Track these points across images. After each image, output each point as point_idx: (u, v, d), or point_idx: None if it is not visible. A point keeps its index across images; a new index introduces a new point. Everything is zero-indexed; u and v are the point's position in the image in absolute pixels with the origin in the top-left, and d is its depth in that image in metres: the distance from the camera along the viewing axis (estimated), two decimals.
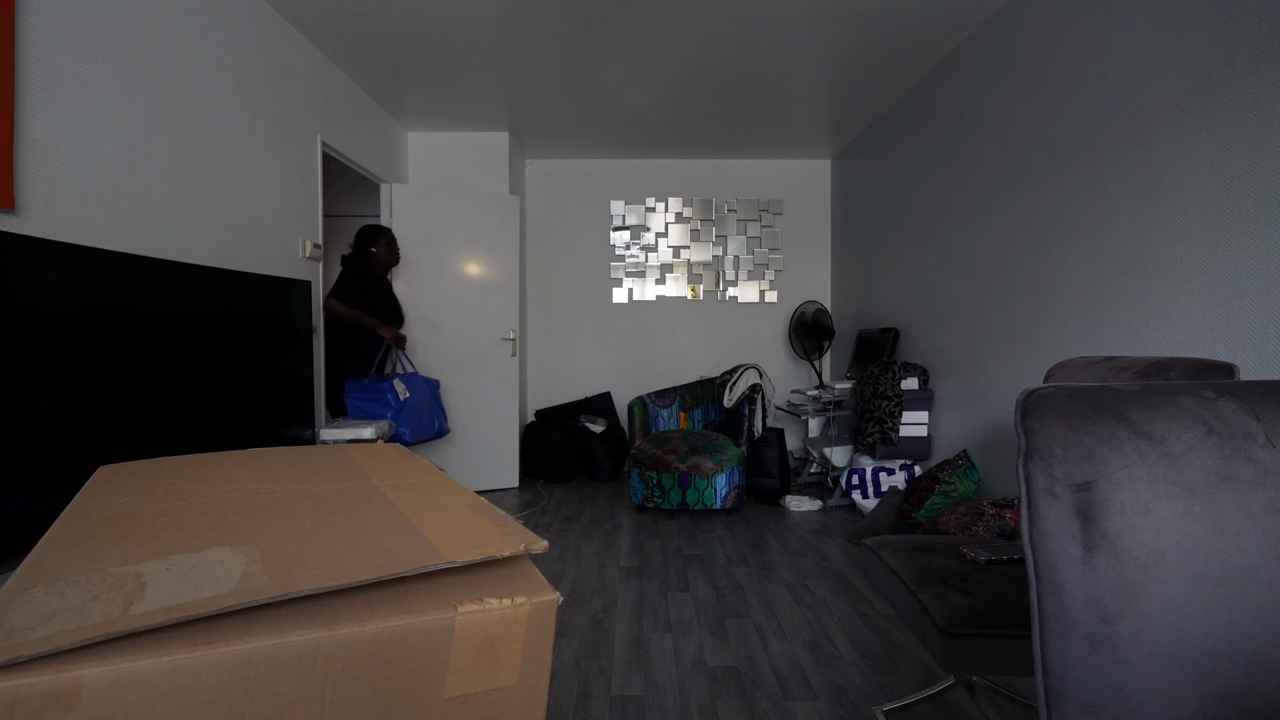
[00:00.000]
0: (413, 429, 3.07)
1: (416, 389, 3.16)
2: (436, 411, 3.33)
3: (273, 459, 0.95)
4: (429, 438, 3.28)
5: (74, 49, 1.78)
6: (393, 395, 2.98)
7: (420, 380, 3.28)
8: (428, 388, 3.33)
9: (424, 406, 3.20)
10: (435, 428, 3.31)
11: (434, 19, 2.84)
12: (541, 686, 0.57)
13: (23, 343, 1.49)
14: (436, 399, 3.38)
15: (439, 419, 3.35)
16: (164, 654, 0.44)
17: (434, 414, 3.31)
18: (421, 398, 3.19)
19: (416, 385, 3.19)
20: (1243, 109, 1.69)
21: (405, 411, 3.02)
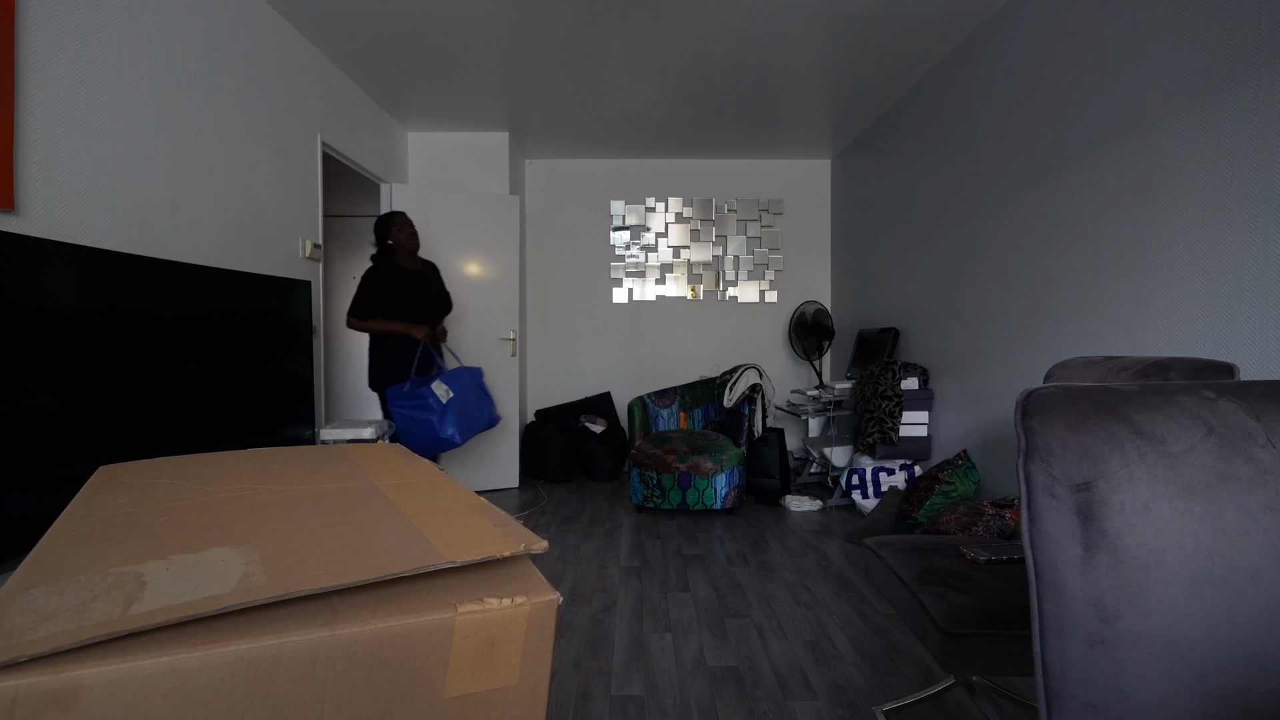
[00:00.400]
0: (461, 428, 2.88)
1: (460, 384, 2.95)
2: (483, 402, 3.13)
3: (273, 459, 0.95)
4: (480, 430, 3.09)
5: (74, 49, 1.78)
6: (435, 399, 2.81)
7: (463, 373, 3.07)
8: (471, 378, 3.11)
9: (470, 401, 3.00)
10: (485, 419, 3.12)
11: (434, 19, 2.84)
12: (541, 686, 0.57)
13: (23, 343, 1.49)
14: (481, 388, 3.17)
15: (487, 408, 3.15)
16: (164, 654, 0.44)
17: (482, 405, 3.11)
18: (466, 392, 2.98)
19: (460, 380, 2.98)
20: (1242, 109, 1.69)
21: (450, 412, 2.84)
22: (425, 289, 3.17)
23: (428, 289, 3.18)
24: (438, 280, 3.28)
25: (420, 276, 3.17)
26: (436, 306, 3.21)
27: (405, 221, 3.09)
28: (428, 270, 3.23)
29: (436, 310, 3.21)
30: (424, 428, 2.83)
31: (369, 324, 2.98)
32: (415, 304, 3.09)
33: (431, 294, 3.19)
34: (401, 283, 3.09)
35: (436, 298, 3.22)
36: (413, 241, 3.11)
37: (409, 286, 3.11)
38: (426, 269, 3.22)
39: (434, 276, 3.26)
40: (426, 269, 3.22)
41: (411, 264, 3.14)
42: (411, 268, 3.14)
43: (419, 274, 3.17)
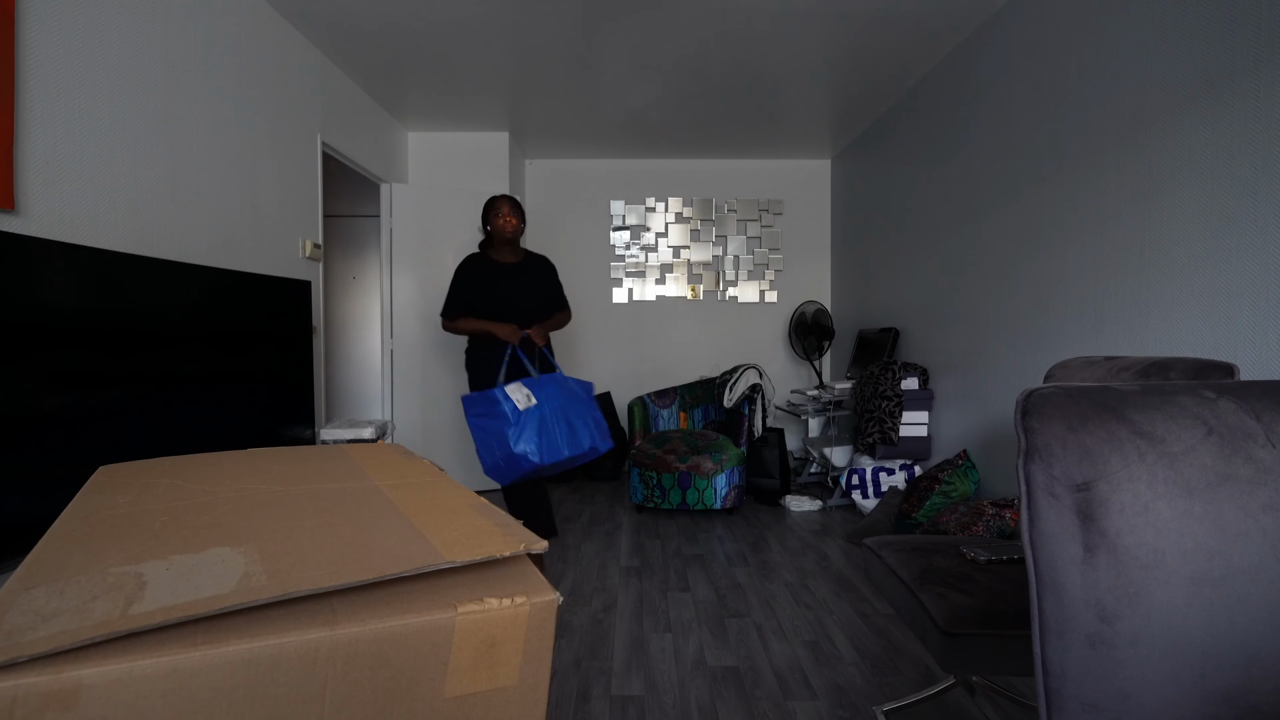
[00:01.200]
0: (544, 447, 2.41)
1: (550, 394, 2.49)
2: (584, 423, 2.55)
3: (273, 459, 0.95)
4: (576, 456, 2.52)
5: (74, 49, 1.78)
6: (508, 404, 2.37)
7: (559, 383, 2.59)
8: (569, 392, 2.59)
9: (562, 418, 2.48)
10: (583, 443, 2.52)
11: (434, 19, 2.84)
12: (541, 686, 0.57)
13: (23, 343, 1.49)
14: (584, 408, 2.59)
15: (589, 433, 2.56)
16: (164, 654, 0.44)
17: (580, 426, 2.53)
18: (559, 407, 2.50)
19: (550, 390, 2.52)
20: (1242, 109, 1.69)
21: (529, 423, 2.39)
22: (525, 286, 2.76)
23: (529, 286, 2.77)
24: (546, 278, 2.87)
25: (520, 271, 2.78)
26: (537, 308, 2.78)
27: (504, 207, 2.74)
28: (533, 265, 2.84)
29: (537, 311, 2.78)
30: (498, 440, 2.37)
31: (457, 324, 2.70)
32: (509, 302, 2.70)
33: (532, 292, 2.77)
34: (494, 277, 2.72)
35: (539, 298, 2.80)
36: (507, 227, 2.74)
37: (503, 282, 2.73)
38: (531, 263, 2.83)
39: (541, 273, 2.85)
40: (531, 263, 2.83)
41: (509, 256, 2.79)
42: (509, 260, 2.78)
43: (518, 268, 2.78)
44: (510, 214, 2.75)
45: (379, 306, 4.44)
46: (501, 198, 2.78)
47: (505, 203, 2.77)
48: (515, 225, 2.76)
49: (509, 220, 2.77)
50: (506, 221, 2.76)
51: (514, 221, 2.75)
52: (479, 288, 2.71)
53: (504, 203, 2.77)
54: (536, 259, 2.88)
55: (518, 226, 2.76)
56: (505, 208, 2.77)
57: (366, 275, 4.95)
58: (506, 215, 2.76)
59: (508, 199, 2.75)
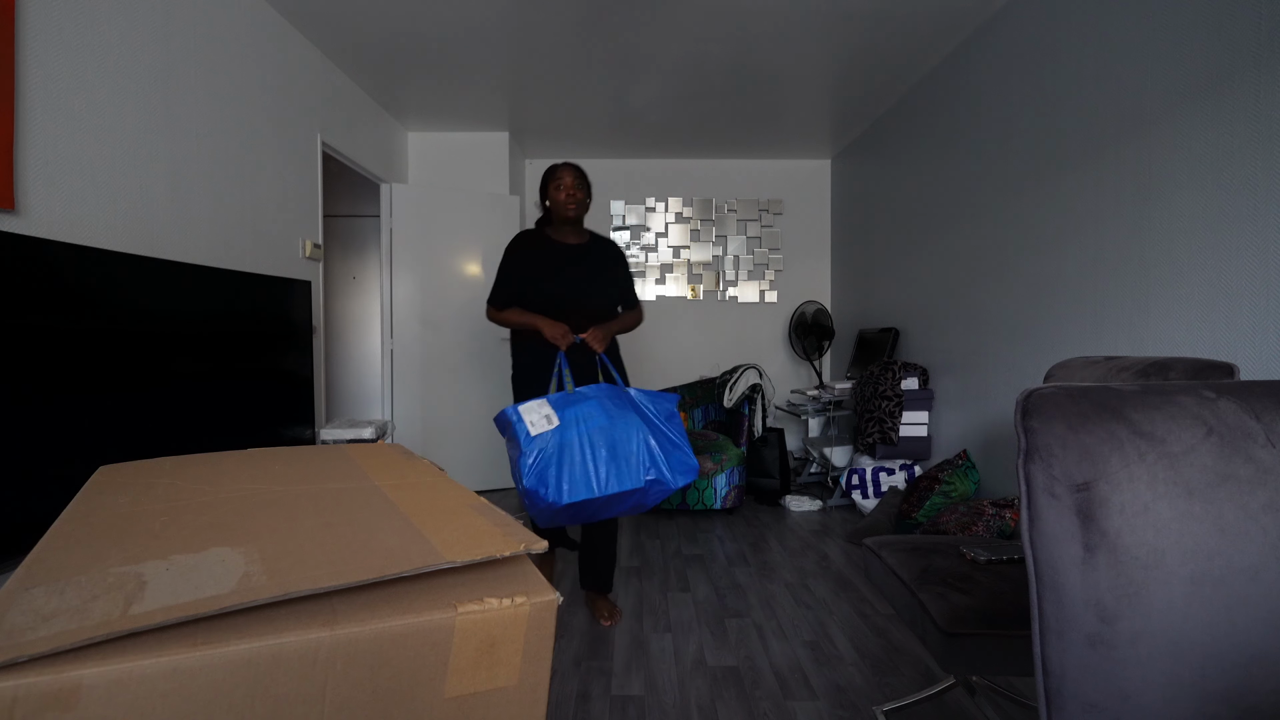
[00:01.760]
0: (560, 480, 1.78)
1: (585, 414, 1.85)
2: (639, 450, 1.85)
3: (273, 459, 0.95)
4: (612, 494, 1.80)
5: (74, 49, 1.78)
6: (522, 426, 1.82)
7: (606, 400, 1.91)
8: (615, 413, 1.89)
9: (598, 442, 1.82)
10: (632, 478, 1.83)
11: (434, 19, 2.84)
12: (541, 686, 0.57)
13: (23, 343, 1.49)
14: (642, 430, 1.88)
15: (647, 462, 1.85)
16: (164, 654, 0.44)
17: (634, 454, 1.84)
18: (596, 427, 1.84)
19: (588, 410, 1.86)
20: (1242, 109, 1.69)
21: (550, 454, 1.79)
22: (588, 274, 2.20)
23: (592, 275, 2.20)
24: (613, 267, 2.28)
25: (583, 256, 2.23)
26: (602, 303, 2.21)
27: (566, 177, 2.18)
28: (599, 250, 2.27)
29: (601, 307, 2.21)
30: (514, 472, 1.84)
31: (503, 315, 2.21)
32: (568, 293, 2.15)
33: (597, 282, 2.21)
34: (551, 261, 2.18)
35: (605, 290, 2.23)
36: (570, 208, 2.17)
37: (563, 268, 2.17)
38: (597, 248, 2.27)
39: (608, 260, 2.27)
40: (597, 248, 2.27)
41: (571, 237, 2.24)
42: (570, 241, 2.24)
43: (581, 252, 2.23)
44: (574, 187, 2.17)
45: (379, 306, 4.44)
46: (563, 166, 2.19)
47: (568, 172, 2.18)
48: (580, 201, 2.19)
49: (572, 195, 2.17)
50: (570, 196, 2.17)
51: (579, 196, 2.18)
52: (531, 273, 2.16)
53: (566, 172, 2.18)
54: (603, 243, 2.30)
55: (582, 202, 2.20)
56: (568, 178, 2.17)
57: (366, 275, 4.95)
58: (570, 189, 2.17)
59: (571, 168, 2.19)
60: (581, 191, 2.20)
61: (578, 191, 2.19)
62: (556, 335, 2.06)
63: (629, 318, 2.32)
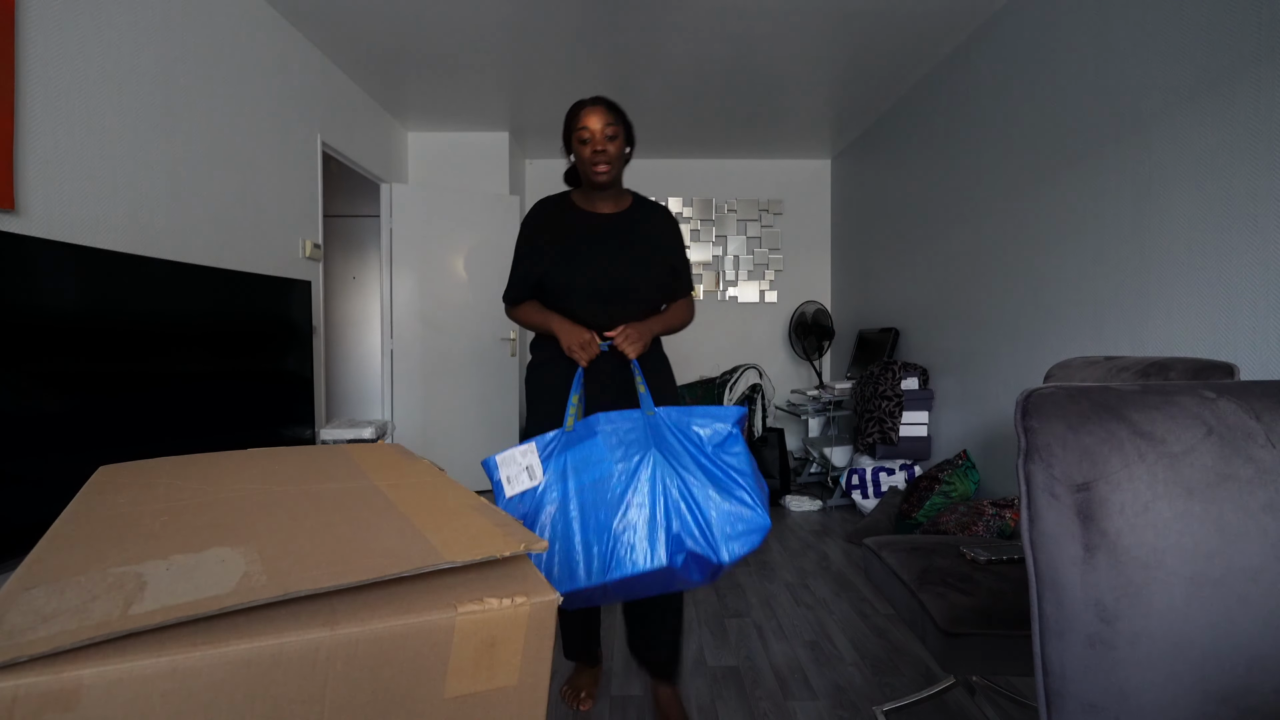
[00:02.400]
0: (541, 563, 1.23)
1: (581, 462, 1.31)
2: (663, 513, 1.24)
3: (273, 459, 0.95)
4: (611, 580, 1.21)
5: (74, 49, 1.78)
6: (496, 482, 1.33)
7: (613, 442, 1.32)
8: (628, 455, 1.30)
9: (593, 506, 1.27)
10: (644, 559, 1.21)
11: (434, 19, 2.84)
12: (541, 686, 0.57)
13: (23, 343, 1.49)
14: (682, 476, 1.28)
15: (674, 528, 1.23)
16: (164, 654, 0.44)
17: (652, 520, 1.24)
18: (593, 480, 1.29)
19: (586, 455, 1.31)
20: (1242, 109, 1.69)
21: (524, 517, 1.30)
22: (626, 252, 1.59)
23: (631, 253, 1.60)
24: (663, 240, 1.66)
25: (620, 228, 1.62)
26: (646, 289, 1.60)
27: (590, 121, 1.52)
28: (644, 218, 1.65)
29: (646, 295, 1.60)
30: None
31: (519, 312, 1.68)
32: (596, 280, 1.56)
33: (640, 261, 1.60)
34: (579, 235, 1.60)
35: (651, 272, 1.61)
36: (600, 166, 1.53)
37: (592, 244, 1.59)
38: (642, 215, 1.66)
39: (655, 231, 1.65)
40: (642, 215, 1.66)
41: (606, 203, 1.63)
42: (604, 210, 1.63)
43: (618, 223, 1.62)
44: (605, 137, 1.51)
45: (379, 306, 4.44)
46: (590, 105, 1.54)
47: (595, 114, 1.52)
48: (614, 157, 1.53)
49: (601, 150, 1.51)
50: (599, 153, 1.52)
51: (612, 150, 1.52)
52: (552, 255, 1.59)
53: (592, 114, 1.52)
54: (650, 210, 1.68)
55: (617, 158, 1.54)
56: (594, 122, 1.51)
57: (366, 275, 4.95)
58: (599, 140, 1.51)
59: (601, 106, 1.53)
60: (616, 142, 1.53)
61: (610, 143, 1.51)
62: (575, 346, 1.49)
63: (677, 312, 1.69)
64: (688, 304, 1.75)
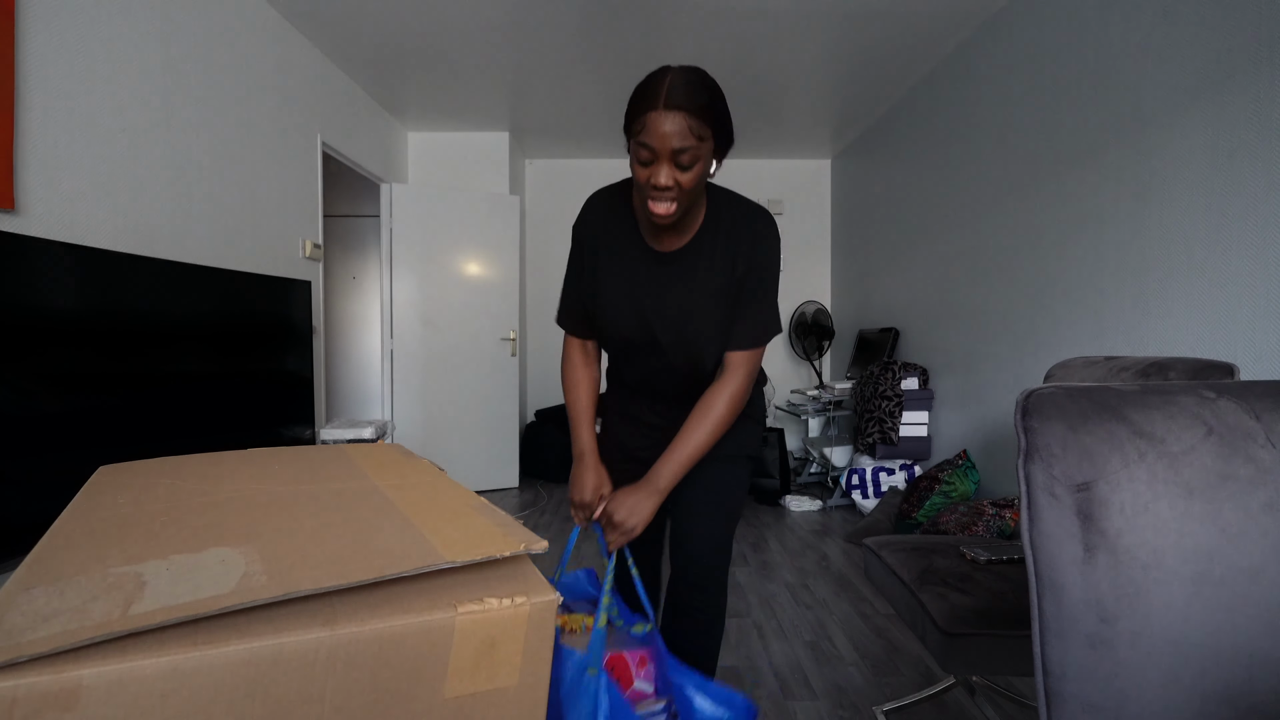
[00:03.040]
0: None
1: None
2: None
3: (273, 459, 0.95)
4: None
5: (74, 48, 1.78)
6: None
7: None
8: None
9: None
10: None
11: (434, 19, 2.84)
12: (541, 686, 0.57)
13: (23, 343, 1.49)
14: None
15: None
16: (164, 654, 0.44)
17: None
18: None
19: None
20: (1242, 109, 1.69)
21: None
22: (685, 300, 1.16)
23: (692, 300, 1.16)
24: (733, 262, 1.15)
25: (682, 268, 1.16)
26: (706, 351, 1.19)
27: (656, 129, 0.97)
28: (709, 244, 1.15)
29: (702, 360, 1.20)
30: None
31: (567, 375, 1.32)
32: (641, 336, 1.20)
33: (696, 314, 1.16)
34: (623, 273, 1.19)
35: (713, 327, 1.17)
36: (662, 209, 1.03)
37: (639, 286, 1.19)
38: (708, 241, 1.15)
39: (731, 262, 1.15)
40: (708, 241, 1.15)
41: (667, 239, 1.16)
42: (661, 246, 1.17)
43: (679, 261, 1.17)
44: (672, 161, 0.99)
45: (379, 306, 4.44)
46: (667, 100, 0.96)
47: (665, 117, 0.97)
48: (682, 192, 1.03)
49: (667, 183, 1.00)
50: (658, 190, 1.02)
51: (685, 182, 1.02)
52: (600, 281, 1.21)
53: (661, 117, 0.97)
54: (730, 225, 1.15)
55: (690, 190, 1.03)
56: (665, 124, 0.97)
57: (366, 275, 4.95)
58: (663, 168, 1.00)
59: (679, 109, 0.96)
60: (695, 168, 1.01)
61: (683, 173, 1.01)
62: (572, 503, 1.25)
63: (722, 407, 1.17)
64: (740, 380, 1.18)
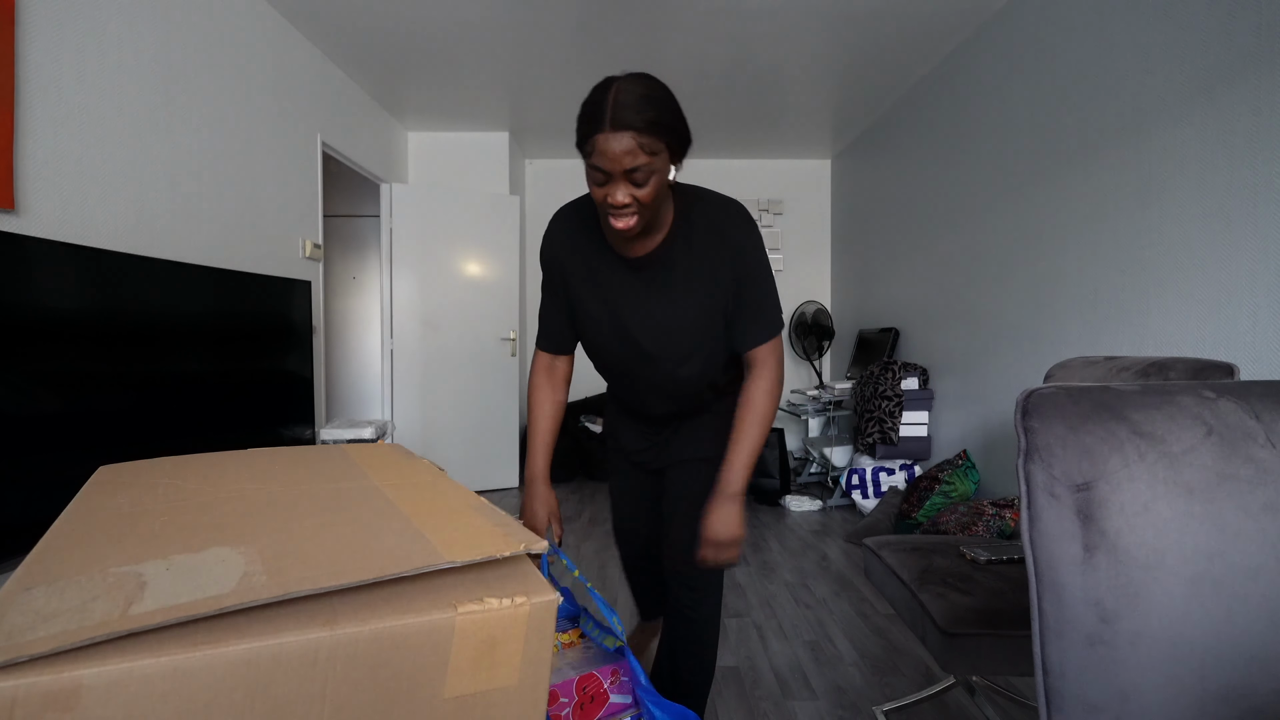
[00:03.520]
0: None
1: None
2: None
3: (273, 459, 0.95)
4: None
5: (74, 49, 1.78)
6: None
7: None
8: None
9: None
10: None
11: (434, 19, 2.84)
12: (541, 686, 0.57)
13: (23, 343, 1.49)
14: None
15: None
16: (164, 654, 0.44)
17: None
18: None
19: None
20: (1242, 108, 1.69)
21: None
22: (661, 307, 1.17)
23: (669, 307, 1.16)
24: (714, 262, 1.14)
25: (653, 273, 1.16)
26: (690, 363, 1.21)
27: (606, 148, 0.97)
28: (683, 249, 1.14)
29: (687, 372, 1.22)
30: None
31: (533, 393, 1.33)
32: (619, 351, 1.22)
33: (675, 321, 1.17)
34: (594, 283, 1.20)
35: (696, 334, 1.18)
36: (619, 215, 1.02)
37: (611, 297, 1.19)
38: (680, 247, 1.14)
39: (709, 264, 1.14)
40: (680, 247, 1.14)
41: (633, 244, 1.14)
42: (630, 254, 1.16)
43: (649, 266, 1.16)
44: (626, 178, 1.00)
45: (379, 306, 4.44)
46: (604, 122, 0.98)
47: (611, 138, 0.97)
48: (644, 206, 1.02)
49: (624, 201, 1.00)
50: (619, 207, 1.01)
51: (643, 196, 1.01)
52: (574, 298, 1.23)
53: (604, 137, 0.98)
54: (705, 228, 1.14)
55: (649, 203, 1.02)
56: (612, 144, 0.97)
57: (366, 275, 4.95)
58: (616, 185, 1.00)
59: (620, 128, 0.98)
60: (652, 182, 1.01)
61: (639, 189, 1.01)
62: (540, 512, 1.29)
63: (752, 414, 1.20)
64: (769, 375, 1.18)
